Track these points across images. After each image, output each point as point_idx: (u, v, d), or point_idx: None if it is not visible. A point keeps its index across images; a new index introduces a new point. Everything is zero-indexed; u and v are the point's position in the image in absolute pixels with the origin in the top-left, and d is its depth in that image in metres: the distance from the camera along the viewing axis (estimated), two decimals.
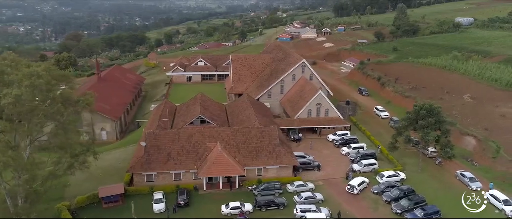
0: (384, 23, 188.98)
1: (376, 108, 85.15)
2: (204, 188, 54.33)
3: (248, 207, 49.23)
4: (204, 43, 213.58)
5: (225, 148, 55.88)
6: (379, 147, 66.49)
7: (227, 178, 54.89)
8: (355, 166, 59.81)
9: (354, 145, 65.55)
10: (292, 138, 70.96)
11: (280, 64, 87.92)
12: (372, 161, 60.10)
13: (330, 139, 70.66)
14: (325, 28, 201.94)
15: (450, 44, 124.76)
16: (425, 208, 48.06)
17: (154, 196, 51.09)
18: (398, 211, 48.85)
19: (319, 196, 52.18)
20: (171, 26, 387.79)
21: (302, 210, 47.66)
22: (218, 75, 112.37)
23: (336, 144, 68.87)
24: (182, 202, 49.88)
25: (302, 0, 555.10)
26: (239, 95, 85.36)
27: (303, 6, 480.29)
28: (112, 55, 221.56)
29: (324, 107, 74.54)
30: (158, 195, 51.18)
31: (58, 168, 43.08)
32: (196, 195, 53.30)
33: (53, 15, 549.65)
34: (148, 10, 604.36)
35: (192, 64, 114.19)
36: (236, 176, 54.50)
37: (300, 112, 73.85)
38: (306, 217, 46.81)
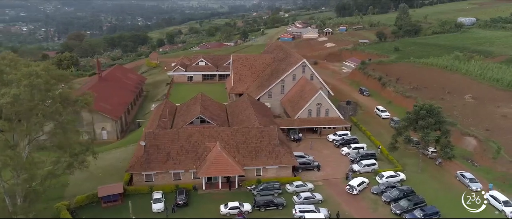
0: (386, 23, 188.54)
1: (377, 108, 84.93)
2: (203, 188, 54.34)
3: (247, 207, 49.19)
4: (205, 43, 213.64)
5: (224, 147, 55.87)
6: (379, 147, 66.31)
7: (226, 178, 54.88)
8: (355, 166, 59.64)
9: (354, 145, 65.43)
10: (292, 138, 70.88)
11: (280, 64, 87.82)
12: (372, 161, 59.91)
13: (330, 139, 70.53)
14: (327, 28, 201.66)
15: (452, 44, 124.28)
16: (424, 209, 47.93)
17: (153, 196, 51.14)
18: (398, 211, 48.73)
19: (318, 196, 52.08)
20: (173, 26, 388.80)
21: (301, 210, 47.59)
22: (219, 75, 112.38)
23: (336, 144, 68.73)
24: (181, 202, 49.88)
25: (304, 0, 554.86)
26: (240, 95, 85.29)
27: (306, 6, 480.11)
28: (114, 55, 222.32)
29: (325, 107, 74.41)
30: (157, 195, 51.21)
31: (57, 167, 43.21)
32: (195, 194, 53.31)
33: (56, 15, 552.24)
34: (151, 10, 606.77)
35: (193, 64, 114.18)
36: (236, 176, 54.48)
37: (300, 112, 73.74)
38: (304, 217, 46.73)
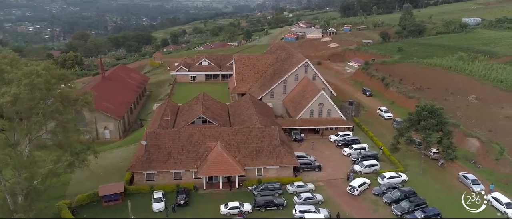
0: (390, 24, 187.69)
1: (379, 109, 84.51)
2: (204, 188, 54.39)
3: (247, 207, 49.15)
4: (209, 43, 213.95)
5: (225, 147, 55.87)
6: (381, 148, 66.01)
7: (227, 178, 54.89)
8: (357, 167, 59.36)
9: (356, 145, 65.18)
10: (294, 138, 70.76)
11: (283, 64, 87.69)
12: (373, 162, 59.65)
13: (332, 140, 70.33)
14: (330, 29, 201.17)
15: (456, 44, 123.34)
16: (425, 210, 47.63)
17: (153, 195, 51.26)
18: (398, 213, 48.44)
19: (319, 197, 51.93)
20: (178, 26, 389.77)
21: (301, 211, 47.48)
22: (222, 75, 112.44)
23: (338, 145, 68.53)
24: (182, 202, 49.93)
25: (309, 0, 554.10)
26: (242, 95, 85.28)
27: (310, 6, 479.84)
28: (118, 54, 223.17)
29: (327, 107, 74.18)
30: (158, 194, 51.34)
31: (58, 166, 43.44)
32: (196, 194, 53.37)
33: (61, 15, 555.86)
34: (155, 10, 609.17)
35: (196, 64, 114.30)
36: (236, 176, 54.46)
37: (302, 112, 73.56)
38: (304, 218, 46.59)
